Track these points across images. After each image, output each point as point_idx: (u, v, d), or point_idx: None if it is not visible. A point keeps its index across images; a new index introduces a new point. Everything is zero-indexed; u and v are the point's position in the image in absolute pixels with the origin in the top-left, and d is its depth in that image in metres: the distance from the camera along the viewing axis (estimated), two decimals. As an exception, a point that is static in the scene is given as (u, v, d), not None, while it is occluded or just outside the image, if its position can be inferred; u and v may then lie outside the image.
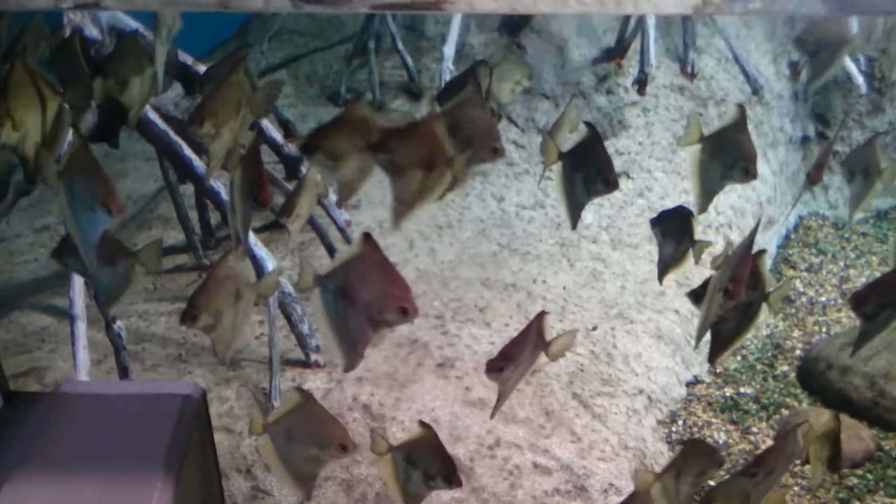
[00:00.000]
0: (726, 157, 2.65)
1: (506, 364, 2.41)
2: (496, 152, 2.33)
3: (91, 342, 3.89)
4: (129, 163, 5.81)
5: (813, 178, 3.13)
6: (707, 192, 2.75)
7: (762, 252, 2.58)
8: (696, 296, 2.57)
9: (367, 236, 2.11)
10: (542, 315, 2.52)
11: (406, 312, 2.08)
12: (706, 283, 2.54)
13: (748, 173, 2.66)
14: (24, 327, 4.38)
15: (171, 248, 5.07)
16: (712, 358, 2.69)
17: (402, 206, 2.16)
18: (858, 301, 2.41)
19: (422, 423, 2.38)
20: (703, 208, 2.83)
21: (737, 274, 2.40)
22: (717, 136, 2.66)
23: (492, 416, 2.79)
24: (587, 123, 2.82)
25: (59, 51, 2.95)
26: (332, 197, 4.56)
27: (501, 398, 2.57)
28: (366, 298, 2.09)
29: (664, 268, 2.88)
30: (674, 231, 2.87)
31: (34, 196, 5.16)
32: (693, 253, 2.83)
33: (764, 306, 2.58)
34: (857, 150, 3.29)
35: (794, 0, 2.56)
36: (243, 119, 2.49)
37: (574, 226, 3.00)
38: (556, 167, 2.80)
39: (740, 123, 2.63)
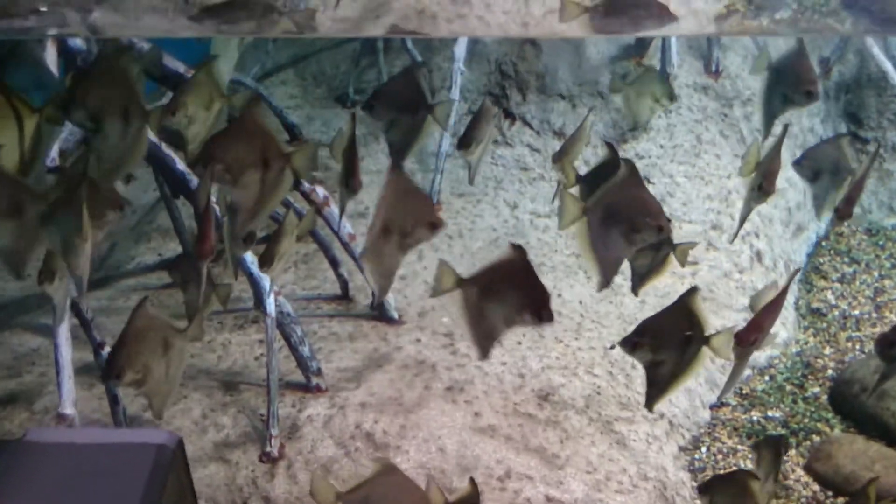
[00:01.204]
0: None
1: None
2: (661, 231, 2.33)
3: (84, 365, 3.73)
4: (130, 170, 5.64)
5: (842, 214, 2.99)
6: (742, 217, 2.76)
7: (695, 290, 2.53)
8: (632, 344, 2.43)
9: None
10: None
11: None
12: (639, 331, 2.46)
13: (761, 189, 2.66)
14: (13, 349, 4.22)
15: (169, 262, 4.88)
16: (648, 403, 2.63)
17: (247, 215, 2.05)
18: (885, 344, 2.40)
19: (471, 481, 2.47)
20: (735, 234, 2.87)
21: (756, 321, 2.31)
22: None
23: None
24: (625, 160, 2.63)
25: (13, 55, 2.77)
26: (334, 209, 4.37)
27: None
28: None
29: (639, 280, 2.82)
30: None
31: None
32: (676, 257, 2.76)
33: (705, 350, 2.52)
34: (818, 149, 3.16)
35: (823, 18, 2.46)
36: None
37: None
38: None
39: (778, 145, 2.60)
